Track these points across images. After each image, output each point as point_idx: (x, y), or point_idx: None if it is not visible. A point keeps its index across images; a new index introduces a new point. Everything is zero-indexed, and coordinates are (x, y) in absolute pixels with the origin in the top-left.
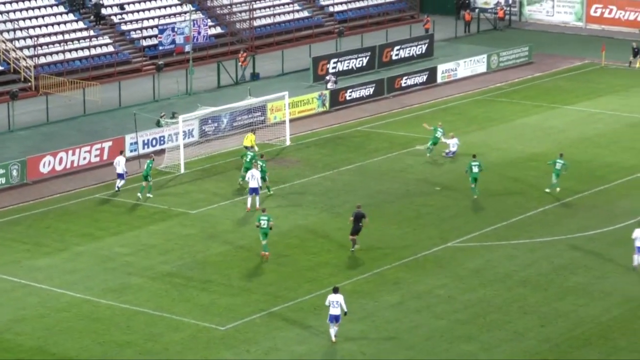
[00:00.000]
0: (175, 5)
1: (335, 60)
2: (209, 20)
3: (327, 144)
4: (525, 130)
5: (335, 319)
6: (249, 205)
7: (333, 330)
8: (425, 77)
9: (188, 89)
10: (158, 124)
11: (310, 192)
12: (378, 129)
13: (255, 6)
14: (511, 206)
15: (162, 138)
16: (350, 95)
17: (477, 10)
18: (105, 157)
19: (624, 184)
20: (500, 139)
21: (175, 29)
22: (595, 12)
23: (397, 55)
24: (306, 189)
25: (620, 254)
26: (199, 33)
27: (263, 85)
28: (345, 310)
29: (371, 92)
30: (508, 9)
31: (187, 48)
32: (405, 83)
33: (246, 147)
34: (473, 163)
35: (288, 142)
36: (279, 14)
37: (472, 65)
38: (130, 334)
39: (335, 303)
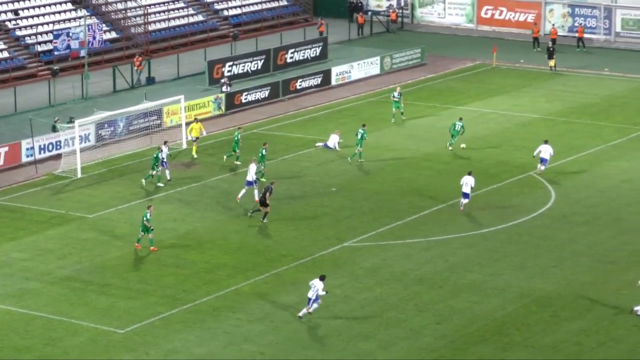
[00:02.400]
0: (70, 10)
1: (231, 63)
2: (103, 25)
3: (223, 146)
4: (418, 131)
5: (308, 300)
6: (239, 195)
7: (304, 310)
8: (319, 80)
9: (84, 94)
10: (54, 129)
11: (208, 195)
12: (274, 131)
13: (149, 11)
14: (406, 206)
15: (58, 143)
16: (246, 98)
17: (369, 13)
18: (1, 162)
19: (516, 182)
20: (394, 140)
21: (70, 34)
22: (485, 13)
23: (291, 58)
24: (203, 191)
25: (513, 251)
26: (94, 38)
27: (159, 89)
28: (322, 293)
29: (266, 95)
30: (400, 11)
31: (83, 53)
32: (300, 85)
33: (193, 140)
34: (457, 122)
35: (184, 146)
36: (173, 18)
37: (365, 67)
38: (29, 339)
39: (312, 286)
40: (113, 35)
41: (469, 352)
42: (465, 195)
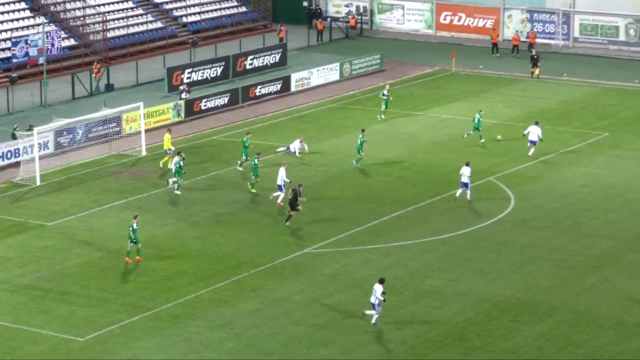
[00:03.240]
0: (29, 17)
1: (190, 70)
2: (62, 32)
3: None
4: (378, 137)
5: (372, 306)
6: (279, 201)
7: (371, 313)
8: (279, 86)
9: (43, 101)
10: (13, 137)
11: (167, 202)
12: (233, 137)
13: (108, 17)
14: (365, 212)
15: (17, 150)
16: (205, 105)
17: (329, 19)
18: None
19: (475, 187)
20: (354, 146)
21: (29, 42)
22: (444, 19)
23: (251, 64)
24: (162, 198)
25: (473, 257)
26: (53, 45)
27: (118, 96)
28: (381, 298)
29: (226, 102)
30: (359, 17)
31: (41, 60)
32: (259, 92)
33: (166, 151)
34: (477, 115)
35: (144, 153)
36: (132, 25)
37: (325, 74)
38: None
39: (374, 291)
40: (72, 42)
41: (429, 357)
42: (464, 185)
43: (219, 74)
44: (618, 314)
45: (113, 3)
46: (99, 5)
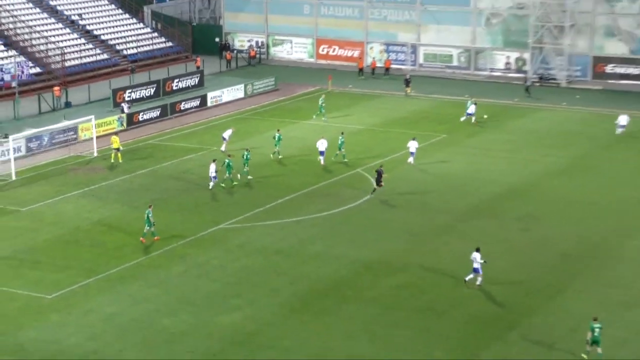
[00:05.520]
0: (3, 50)
1: (130, 90)
2: (30, 62)
3: (125, 154)
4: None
5: (475, 270)
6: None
7: (475, 279)
8: (198, 102)
9: (16, 115)
10: None
11: (114, 192)
12: (164, 142)
13: (66, 51)
14: (265, 197)
15: None
16: (142, 117)
17: (235, 51)
18: None
19: (347, 177)
20: (256, 146)
21: (3, 69)
22: (322, 50)
23: (176, 86)
24: (111, 189)
25: (346, 229)
26: (23, 72)
27: (75, 111)
28: (482, 261)
29: (158, 114)
30: (258, 49)
31: (14, 84)
32: (183, 107)
33: (116, 149)
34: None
35: (95, 154)
36: (85, 57)
37: (233, 93)
38: None
39: (474, 259)
40: (37, 70)
41: (315, 304)
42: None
43: (152, 93)
44: (454, 269)
45: (70, 40)
46: (58, 42)
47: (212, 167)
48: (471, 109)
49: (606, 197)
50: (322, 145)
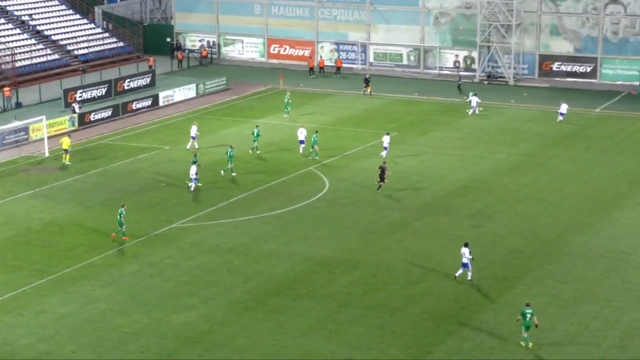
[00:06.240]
0: None
1: (81, 90)
2: None
3: (77, 154)
4: (227, 139)
5: (463, 265)
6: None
7: (465, 274)
8: (150, 102)
9: None
10: None
11: (66, 191)
12: (116, 142)
13: (16, 51)
14: (218, 195)
15: None
16: (94, 117)
17: (187, 51)
18: None
19: (299, 175)
20: (208, 146)
21: None
22: (274, 50)
23: (128, 85)
24: (63, 188)
25: (299, 227)
26: None
27: (25, 112)
28: (470, 257)
29: (110, 114)
30: (210, 49)
31: None
32: (135, 107)
33: (65, 150)
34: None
35: (47, 154)
36: (35, 57)
37: (185, 92)
38: None
39: (463, 254)
40: None
41: (268, 302)
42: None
43: (104, 93)
44: (407, 266)
45: (20, 40)
46: (9, 42)
47: (193, 169)
48: (474, 101)
49: (556, 194)
50: (301, 134)
